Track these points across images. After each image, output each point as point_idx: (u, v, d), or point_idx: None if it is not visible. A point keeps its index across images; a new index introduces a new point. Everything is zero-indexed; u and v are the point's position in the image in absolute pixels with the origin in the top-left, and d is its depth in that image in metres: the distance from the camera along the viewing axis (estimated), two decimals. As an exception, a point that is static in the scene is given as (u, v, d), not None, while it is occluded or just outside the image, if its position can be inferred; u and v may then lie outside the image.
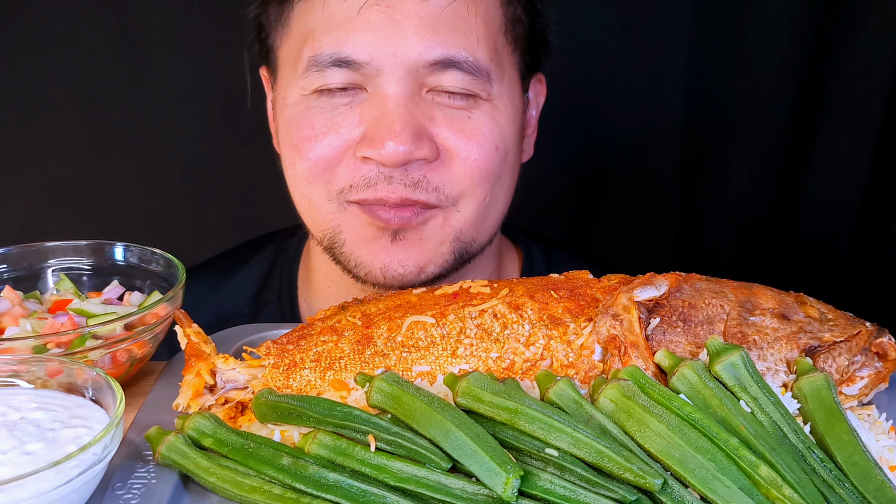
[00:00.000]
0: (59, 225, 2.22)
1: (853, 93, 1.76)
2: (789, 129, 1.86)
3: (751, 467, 0.86)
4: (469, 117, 1.30)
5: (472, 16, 1.28)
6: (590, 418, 0.92)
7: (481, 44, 1.28)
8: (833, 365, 1.03)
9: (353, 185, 1.30)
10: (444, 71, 1.27)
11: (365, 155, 1.28)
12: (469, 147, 1.30)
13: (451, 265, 1.36)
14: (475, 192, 1.32)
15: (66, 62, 2.10)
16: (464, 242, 1.36)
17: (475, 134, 1.30)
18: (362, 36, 1.27)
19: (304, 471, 0.90)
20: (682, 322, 1.05)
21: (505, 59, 1.33)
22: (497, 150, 1.32)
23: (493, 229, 1.41)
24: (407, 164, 1.27)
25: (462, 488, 0.86)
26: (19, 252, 1.25)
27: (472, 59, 1.27)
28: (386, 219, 1.31)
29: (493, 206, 1.36)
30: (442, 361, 1.03)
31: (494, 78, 1.30)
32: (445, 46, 1.26)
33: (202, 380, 1.04)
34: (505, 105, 1.33)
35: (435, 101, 1.29)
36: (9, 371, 1.00)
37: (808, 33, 1.78)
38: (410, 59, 1.26)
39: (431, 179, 1.29)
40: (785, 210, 1.91)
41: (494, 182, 1.33)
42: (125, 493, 0.90)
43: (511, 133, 1.34)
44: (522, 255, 1.60)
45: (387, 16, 1.26)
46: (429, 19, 1.26)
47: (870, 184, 1.77)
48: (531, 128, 1.47)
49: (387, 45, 1.26)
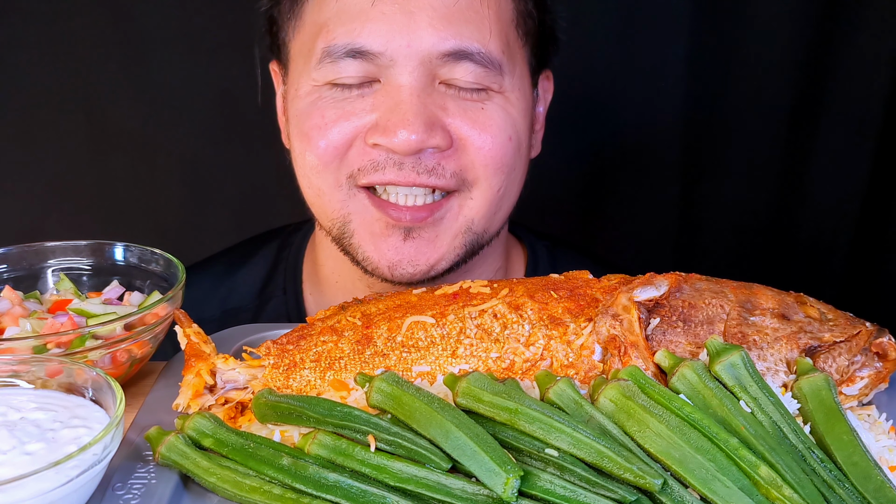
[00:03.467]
0: (59, 225, 2.22)
1: (853, 92, 1.76)
2: (790, 128, 1.86)
3: (751, 467, 0.86)
4: (482, 108, 1.31)
5: (484, 9, 1.29)
6: (590, 418, 0.92)
7: (494, 36, 1.29)
8: (833, 365, 1.03)
9: (362, 169, 1.31)
10: (457, 63, 1.28)
11: (376, 142, 1.29)
12: (483, 137, 1.30)
13: (461, 259, 1.37)
14: (490, 181, 1.33)
15: (66, 62, 2.10)
16: (476, 234, 1.36)
17: (489, 124, 1.31)
18: (376, 27, 1.27)
19: (304, 471, 0.90)
20: (682, 322, 1.05)
21: (516, 53, 1.34)
22: (511, 140, 1.32)
23: (502, 221, 1.42)
24: (419, 152, 1.28)
25: (462, 488, 0.86)
26: (19, 252, 1.25)
27: (485, 52, 1.28)
28: (397, 217, 1.31)
29: (506, 198, 1.37)
30: (442, 361, 1.03)
31: (506, 71, 1.31)
32: (459, 38, 1.27)
33: (202, 380, 1.04)
34: (517, 98, 1.34)
35: (448, 93, 1.30)
36: (9, 371, 1.00)
37: (808, 32, 1.78)
38: (424, 49, 1.27)
39: (447, 166, 1.30)
40: (785, 210, 1.91)
41: (509, 173, 1.34)
42: (125, 494, 0.90)
43: (523, 126, 1.35)
44: (528, 252, 1.61)
45: (400, 7, 1.27)
46: (442, 11, 1.27)
47: (870, 183, 1.78)
48: (539, 124, 1.48)
49: (400, 36, 1.27)
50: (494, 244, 1.45)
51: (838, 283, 1.88)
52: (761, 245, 1.98)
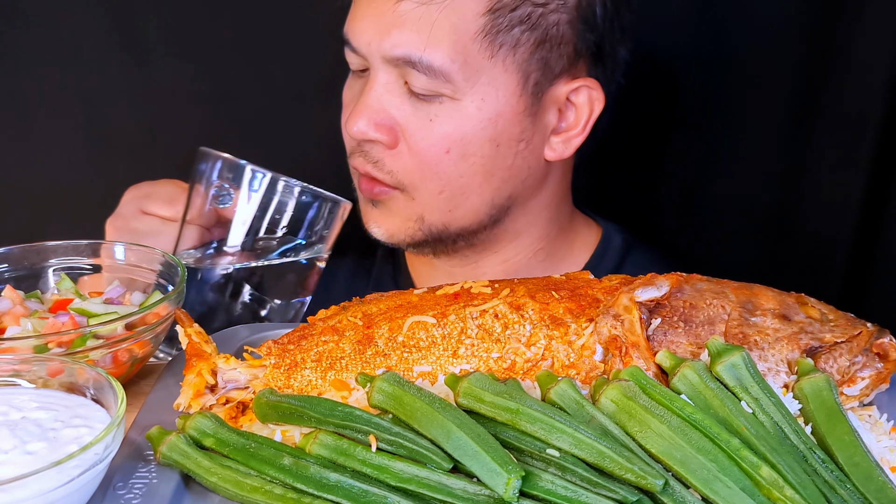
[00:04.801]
0: (59, 225, 2.21)
1: (853, 92, 1.75)
2: (790, 128, 1.86)
3: (752, 468, 0.86)
4: (431, 119, 1.38)
5: (441, 20, 1.34)
6: (591, 419, 0.92)
7: (443, 47, 1.34)
8: (834, 365, 1.03)
9: (348, 153, 1.47)
10: (409, 69, 1.35)
11: None
12: (420, 144, 1.38)
13: (423, 240, 1.48)
14: (425, 185, 1.41)
15: (66, 62, 2.10)
16: (432, 224, 1.45)
17: (429, 133, 1.38)
18: (358, 25, 1.39)
19: (305, 471, 0.90)
20: (683, 322, 1.05)
21: (483, 64, 1.36)
22: (449, 152, 1.38)
23: (469, 218, 1.47)
24: (365, 143, 1.40)
25: (463, 489, 0.86)
26: (20, 252, 1.25)
27: (426, 61, 1.34)
28: (359, 187, 1.47)
29: (461, 199, 1.43)
30: (443, 361, 1.03)
31: (458, 79, 1.35)
32: (406, 46, 1.34)
33: (203, 379, 1.04)
34: (477, 107, 1.37)
35: (409, 94, 1.38)
36: (10, 370, 1.00)
37: (806, 33, 1.77)
38: (383, 52, 1.36)
39: (386, 163, 1.41)
40: (785, 210, 1.91)
41: (448, 179, 1.40)
42: (126, 493, 0.90)
43: (482, 135, 1.39)
44: (602, 237, 1.65)
45: (375, 8, 1.37)
46: (400, 17, 1.34)
47: (870, 184, 1.77)
48: (573, 130, 1.48)
49: (368, 36, 1.37)
50: (522, 223, 1.53)
51: (838, 284, 1.87)
52: (761, 245, 1.98)
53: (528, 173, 1.47)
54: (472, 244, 1.52)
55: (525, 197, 1.50)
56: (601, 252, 1.63)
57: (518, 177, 1.46)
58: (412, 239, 1.47)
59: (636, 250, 1.65)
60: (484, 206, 1.46)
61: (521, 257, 1.57)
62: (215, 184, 1.39)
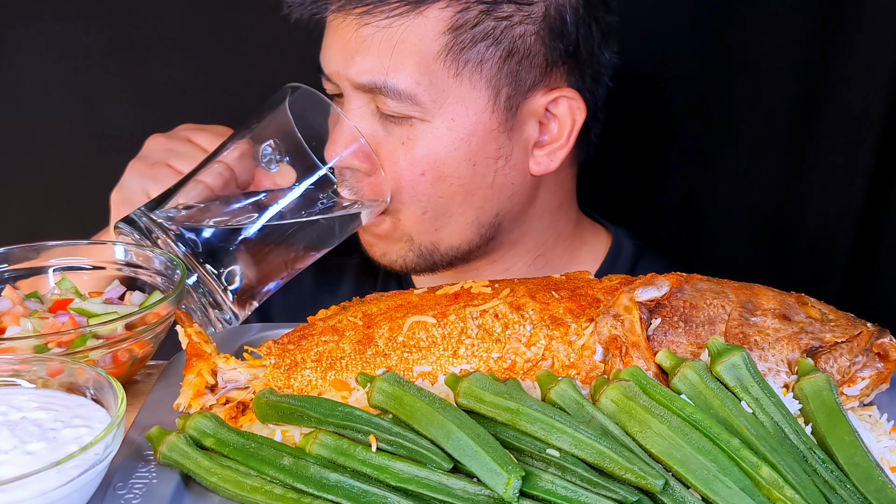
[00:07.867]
0: (59, 225, 2.21)
1: (853, 93, 1.75)
2: (790, 128, 1.86)
3: (752, 468, 0.86)
4: (406, 138, 1.37)
5: (402, 42, 1.33)
6: (591, 419, 0.92)
7: (406, 70, 1.33)
8: (834, 366, 1.03)
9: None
10: (377, 94, 1.35)
11: None
12: (396, 167, 1.38)
13: (415, 262, 1.47)
14: (406, 207, 1.40)
15: (65, 62, 2.10)
16: (421, 244, 1.45)
17: (403, 155, 1.37)
18: (327, 53, 1.40)
19: (305, 471, 0.90)
20: (683, 322, 1.05)
21: (449, 83, 1.35)
22: (424, 174, 1.38)
23: (457, 238, 1.46)
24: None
25: (463, 489, 0.86)
26: (20, 252, 1.25)
27: (392, 85, 1.33)
28: None
29: (445, 219, 1.43)
30: (443, 361, 1.03)
31: (425, 101, 1.34)
32: (370, 73, 1.34)
33: (203, 379, 1.04)
34: (448, 128, 1.36)
35: (381, 118, 1.37)
36: (10, 370, 1.00)
37: (809, 31, 1.77)
38: (350, 79, 1.36)
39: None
40: (785, 210, 1.91)
41: (428, 200, 1.40)
42: (126, 493, 0.90)
43: (456, 155, 1.38)
44: (612, 243, 1.63)
45: (339, 35, 1.36)
46: (363, 42, 1.34)
47: (871, 184, 1.77)
48: (557, 143, 1.45)
49: (336, 63, 1.37)
50: (517, 234, 1.51)
51: (838, 284, 1.87)
52: (761, 245, 1.98)
53: (512, 190, 1.44)
54: (468, 262, 1.52)
55: (516, 212, 1.48)
56: (612, 258, 1.61)
57: (502, 194, 1.44)
58: (404, 260, 1.47)
59: (647, 256, 1.63)
60: (469, 224, 1.44)
61: (520, 266, 1.56)
62: None
